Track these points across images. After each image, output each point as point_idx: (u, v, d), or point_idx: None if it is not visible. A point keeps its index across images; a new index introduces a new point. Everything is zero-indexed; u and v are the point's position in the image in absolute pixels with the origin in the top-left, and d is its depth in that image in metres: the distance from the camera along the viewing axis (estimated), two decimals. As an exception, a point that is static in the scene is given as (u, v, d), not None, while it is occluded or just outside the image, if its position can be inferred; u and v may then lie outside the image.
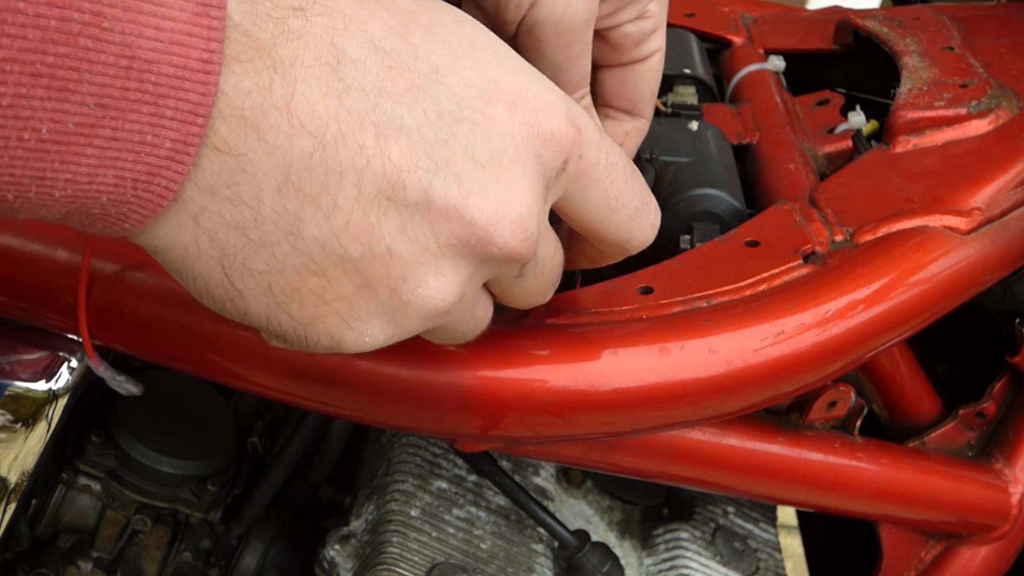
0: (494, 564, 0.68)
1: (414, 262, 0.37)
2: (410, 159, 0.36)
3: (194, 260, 0.36)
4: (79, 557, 0.74)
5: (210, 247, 0.36)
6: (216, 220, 0.35)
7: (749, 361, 0.54)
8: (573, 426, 0.54)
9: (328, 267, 0.36)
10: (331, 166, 0.35)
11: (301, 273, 0.36)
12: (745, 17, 0.92)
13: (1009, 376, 0.78)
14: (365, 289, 0.37)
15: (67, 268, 0.58)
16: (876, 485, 0.69)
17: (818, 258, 0.60)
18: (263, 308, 0.37)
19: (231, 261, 0.36)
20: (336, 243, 0.36)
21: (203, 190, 0.35)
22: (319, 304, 0.37)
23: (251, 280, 0.37)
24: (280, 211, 0.35)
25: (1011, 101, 0.72)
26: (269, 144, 0.34)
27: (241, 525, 0.78)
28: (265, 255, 0.36)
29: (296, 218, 0.35)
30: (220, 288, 0.37)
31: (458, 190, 0.36)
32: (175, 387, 0.77)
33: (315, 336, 0.38)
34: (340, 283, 0.37)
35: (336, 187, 0.35)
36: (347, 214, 0.36)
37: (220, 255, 0.36)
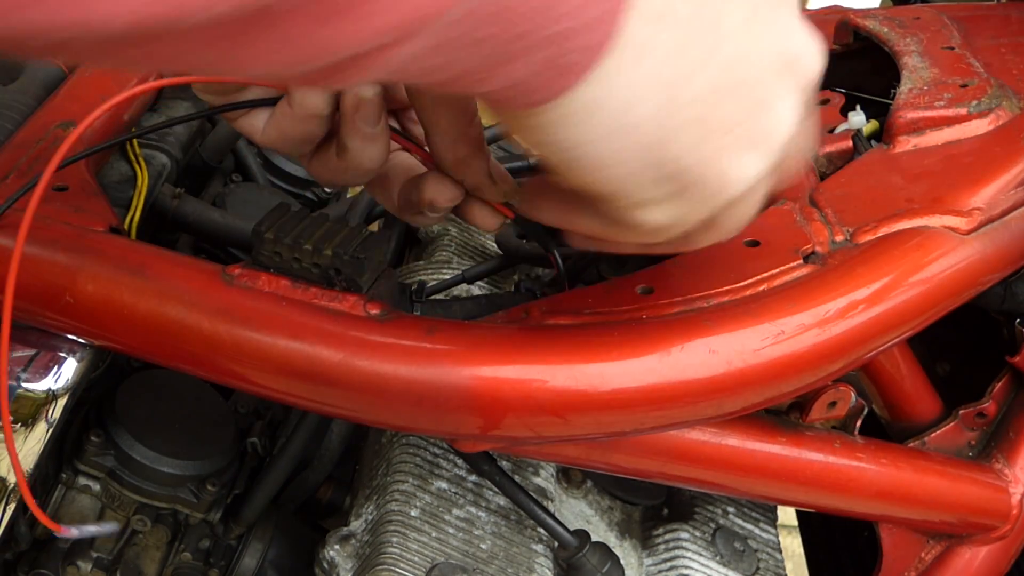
0: (494, 564, 0.68)
1: (777, 80, 0.41)
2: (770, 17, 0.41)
3: (642, 100, 0.38)
4: (79, 557, 0.74)
5: (658, 78, 0.38)
6: (663, 48, 0.38)
7: (749, 361, 0.54)
8: (573, 426, 0.54)
9: (736, 90, 0.40)
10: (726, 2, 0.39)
11: (720, 98, 0.40)
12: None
13: (1009, 376, 0.78)
14: (758, 107, 0.41)
15: (67, 268, 0.58)
16: (876, 485, 0.69)
17: (818, 258, 0.60)
18: (693, 143, 0.40)
19: (674, 92, 0.39)
20: (741, 66, 0.40)
21: (649, 19, 0.37)
22: (731, 129, 0.41)
23: (687, 111, 0.39)
24: (704, 30, 0.38)
25: (1011, 101, 0.72)
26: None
27: (241, 525, 0.78)
28: (698, 80, 0.39)
29: (717, 37, 0.39)
30: (658, 130, 0.39)
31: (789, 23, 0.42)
32: (175, 387, 0.78)
33: (728, 166, 0.41)
34: (737, 109, 0.40)
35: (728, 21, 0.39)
36: (735, 42, 0.39)
37: (666, 86, 0.38)
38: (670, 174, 0.41)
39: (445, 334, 0.53)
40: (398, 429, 0.71)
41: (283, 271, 0.56)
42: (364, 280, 0.55)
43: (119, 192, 0.73)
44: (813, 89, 0.44)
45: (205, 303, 0.55)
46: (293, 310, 0.54)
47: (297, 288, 0.55)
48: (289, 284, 0.55)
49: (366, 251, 0.55)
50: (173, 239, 0.89)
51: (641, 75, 0.38)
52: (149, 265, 0.57)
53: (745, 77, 0.40)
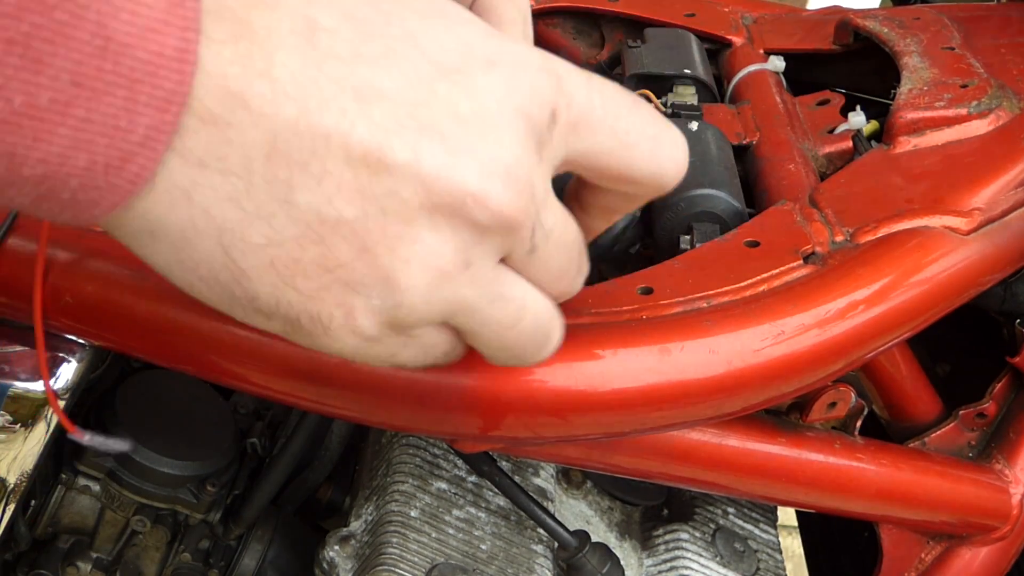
0: (494, 565, 0.68)
1: (409, 220, 0.36)
2: (393, 121, 0.36)
3: (193, 242, 0.36)
4: (78, 558, 0.74)
5: (206, 224, 0.36)
6: (209, 195, 0.35)
7: (749, 361, 0.54)
8: (573, 427, 0.54)
9: (325, 233, 0.36)
10: (317, 131, 0.35)
11: (300, 243, 0.36)
12: (745, 17, 0.92)
13: (1009, 377, 0.78)
14: (365, 252, 0.36)
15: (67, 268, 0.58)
16: (876, 486, 0.69)
17: (818, 258, 0.60)
18: (270, 287, 0.37)
19: (229, 237, 0.36)
20: (330, 208, 0.36)
21: (193, 164, 0.34)
22: (323, 273, 0.37)
23: (253, 257, 0.36)
24: (271, 180, 0.35)
25: (1011, 101, 0.72)
26: (254, 112, 0.34)
27: (240, 526, 0.78)
28: (262, 227, 0.36)
29: (288, 186, 0.35)
30: (224, 271, 0.37)
31: (444, 149, 0.36)
32: (175, 387, 0.77)
33: (328, 315, 0.38)
34: (340, 249, 0.36)
35: (324, 152, 0.35)
36: (337, 178, 0.35)
37: (218, 232, 0.36)
38: (262, 311, 0.38)
39: (445, 334, 0.53)
40: (398, 429, 0.71)
41: (283, 271, 0.56)
42: (364, 280, 0.55)
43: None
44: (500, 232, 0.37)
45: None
46: (293, 310, 0.54)
47: (297, 288, 0.55)
48: (289, 284, 0.55)
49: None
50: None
51: (188, 216, 0.35)
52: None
53: (353, 217, 0.36)
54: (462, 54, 0.37)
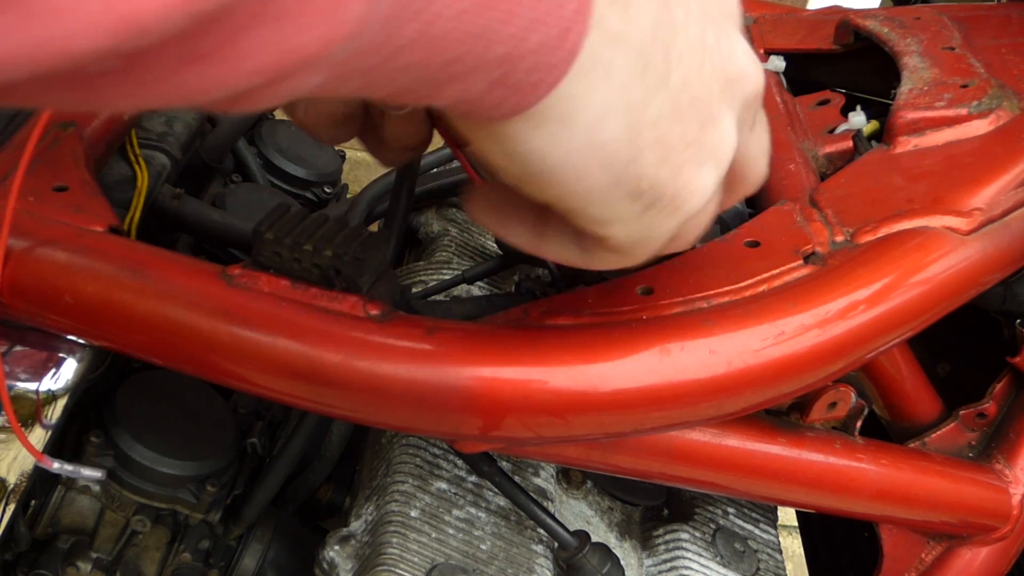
0: (494, 565, 0.68)
1: (720, 99, 0.43)
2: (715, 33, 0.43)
3: (607, 119, 0.39)
4: (78, 558, 0.74)
5: (620, 99, 0.39)
6: (624, 71, 0.39)
7: (749, 362, 0.54)
8: (573, 427, 0.54)
9: (684, 112, 0.42)
10: (678, 30, 0.41)
11: (672, 120, 0.41)
12: (745, 17, 0.92)
13: (1010, 377, 0.78)
14: (708, 124, 0.43)
15: (67, 268, 0.58)
16: (877, 486, 0.69)
17: (818, 258, 0.60)
18: (655, 162, 0.42)
19: (636, 114, 0.40)
20: (688, 89, 0.41)
21: (610, 40, 0.38)
22: (685, 148, 0.42)
23: (648, 132, 0.41)
24: (658, 59, 0.40)
25: (1012, 101, 0.72)
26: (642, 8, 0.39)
27: (240, 526, 0.78)
28: (656, 104, 0.40)
29: (666, 65, 0.40)
30: (625, 148, 0.41)
31: (728, 45, 0.44)
32: (175, 387, 0.77)
33: (685, 181, 0.43)
34: (692, 126, 0.42)
35: (684, 46, 0.41)
36: (688, 62, 0.41)
37: (628, 107, 0.40)
38: (637, 191, 0.42)
39: (445, 335, 0.53)
40: (398, 429, 0.71)
41: (283, 271, 0.56)
42: (364, 281, 0.55)
43: (119, 192, 0.73)
44: (756, 104, 0.47)
45: (205, 303, 0.55)
46: (293, 311, 0.54)
47: (297, 289, 0.55)
48: (289, 284, 0.55)
49: (366, 251, 0.55)
50: (173, 239, 0.89)
51: (605, 95, 0.39)
52: (149, 265, 0.57)
53: (695, 97, 0.42)
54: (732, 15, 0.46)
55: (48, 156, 0.66)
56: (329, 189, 1.13)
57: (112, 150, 0.76)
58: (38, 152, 0.67)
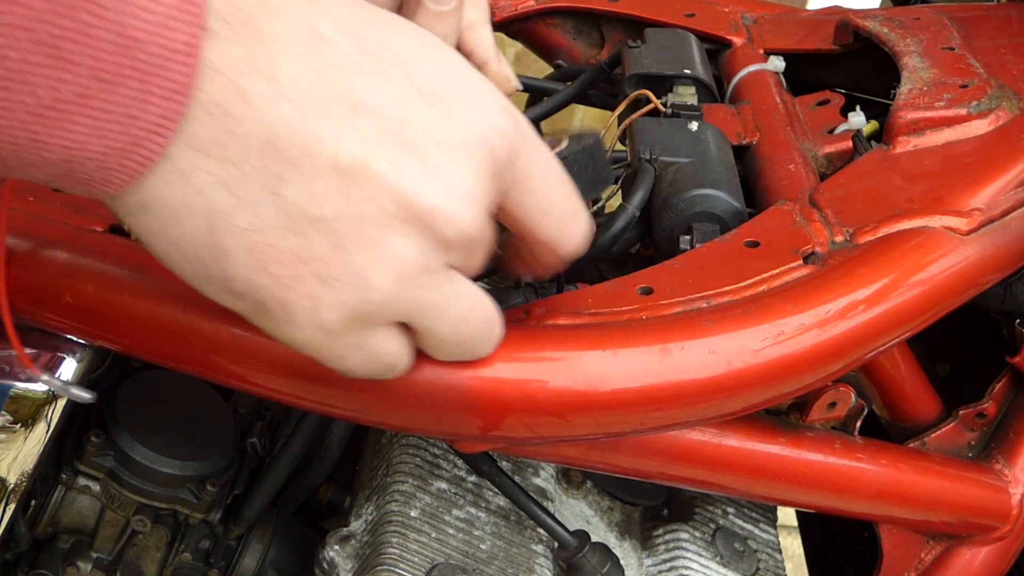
0: (494, 565, 0.68)
1: (384, 226, 0.40)
2: (379, 135, 0.39)
3: (183, 218, 0.39)
4: (78, 558, 0.74)
5: (199, 203, 0.38)
6: (205, 177, 0.38)
7: (749, 361, 0.54)
8: (573, 427, 0.54)
9: (305, 227, 0.39)
10: (311, 134, 0.38)
11: (281, 232, 0.39)
12: (745, 17, 0.92)
13: (1009, 377, 0.78)
14: (340, 249, 0.40)
15: (67, 268, 0.58)
16: (876, 486, 0.69)
17: (818, 258, 0.60)
18: (246, 269, 0.40)
19: (216, 219, 0.39)
20: (314, 205, 0.39)
21: (194, 149, 0.38)
22: (298, 263, 0.40)
23: (235, 239, 0.39)
24: (263, 171, 0.38)
25: (1011, 101, 0.72)
26: (255, 108, 0.37)
27: (241, 526, 0.78)
28: (249, 213, 0.39)
29: (278, 179, 0.38)
30: (205, 248, 0.40)
31: (421, 167, 0.40)
32: (175, 387, 0.77)
33: (294, 304, 0.41)
34: (316, 243, 0.39)
35: (315, 153, 0.38)
36: (324, 179, 0.39)
37: (207, 212, 0.39)
38: (233, 291, 0.41)
39: (445, 334, 0.53)
40: (398, 429, 0.71)
41: (283, 271, 0.56)
42: (364, 280, 0.55)
43: (119, 192, 0.73)
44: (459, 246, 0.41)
45: (205, 303, 0.55)
46: (293, 310, 0.54)
47: (297, 288, 0.55)
48: (289, 284, 0.55)
49: (366, 251, 0.55)
50: (173, 239, 0.89)
51: (181, 196, 0.38)
52: (149, 265, 0.57)
53: (331, 216, 0.39)
54: (443, 84, 0.41)
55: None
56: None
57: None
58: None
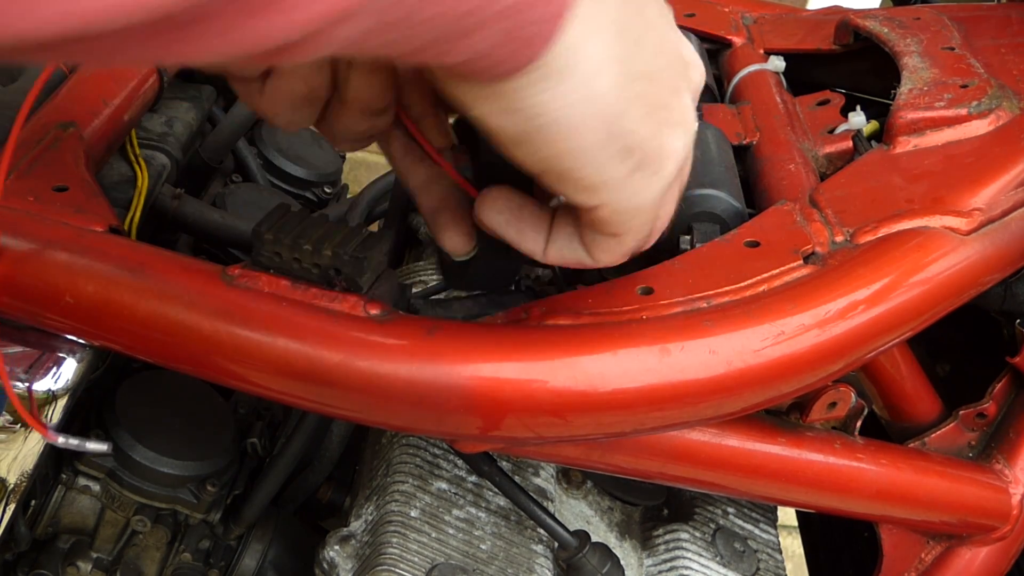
0: (494, 565, 0.68)
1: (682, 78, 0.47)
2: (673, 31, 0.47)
3: (599, 72, 0.42)
4: (78, 558, 0.74)
5: (609, 53, 0.42)
6: (611, 26, 0.41)
7: (749, 362, 0.54)
8: (573, 427, 0.54)
9: (657, 75, 0.45)
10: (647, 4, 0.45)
11: (646, 80, 0.44)
12: (745, 17, 0.92)
13: (1009, 377, 0.78)
14: (672, 94, 0.46)
15: (67, 268, 0.58)
16: (876, 486, 0.69)
17: (818, 258, 0.60)
18: (637, 117, 0.44)
19: (620, 70, 0.42)
20: (658, 55, 0.45)
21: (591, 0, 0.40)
22: (660, 110, 0.45)
23: (632, 88, 0.43)
24: (633, 21, 0.43)
25: (1011, 101, 0.72)
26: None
27: (241, 526, 0.78)
28: (636, 62, 0.43)
29: (639, 29, 0.43)
30: (616, 103, 0.43)
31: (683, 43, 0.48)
32: (175, 387, 0.78)
33: (662, 141, 0.45)
34: (663, 90, 0.45)
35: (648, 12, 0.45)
36: (654, 32, 0.45)
37: (616, 61, 0.42)
38: (626, 148, 0.44)
39: (445, 334, 0.53)
40: (398, 429, 0.71)
41: (283, 271, 0.56)
42: (364, 280, 0.55)
43: (119, 192, 0.73)
44: (696, 99, 0.49)
45: (205, 303, 0.55)
46: (293, 311, 0.54)
47: (297, 288, 0.55)
48: (289, 284, 0.55)
49: (366, 251, 0.55)
50: (173, 239, 0.89)
51: (598, 48, 0.41)
52: (149, 265, 0.57)
53: (664, 64, 0.45)
54: None
55: (48, 156, 0.66)
56: (329, 189, 1.13)
57: (112, 150, 0.76)
58: (39, 151, 0.67)
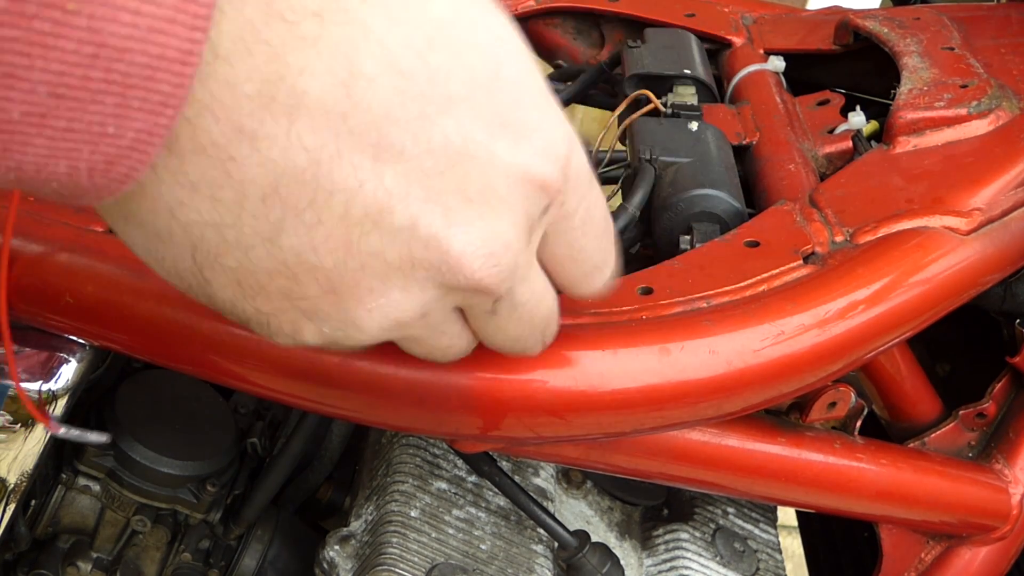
0: (494, 565, 0.68)
1: (384, 278, 0.37)
2: (404, 187, 0.35)
3: (165, 244, 0.36)
4: (78, 558, 0.74)
5: (183, 237, 0.35)
6: (194, 216, 0.34)
7: (749, 361, 0.54)
8: (573, 427, 0.54)
9: (299, 273, 0.36)
10: (322, 184, 0.34)
11: (271, 275, 0.36)
12: (745, 17, 0.92)
13: (1009, 377, 0.78)
14: (332, 294, 0.37)
15: (67, 268, 0.58)
16: (876, 486, 0.69)
17: (818, 258, 0.60)
18: (229, 297, 0.37)
19: (203, 255, 0.36)
20: (312, 254, 0.36)
21: (184, 186, 0.33)
22: (284, 301, 0.37)
23: (221, 274, 0.36)
24: (261, 218, 0.34)
25: (1011, 101, 0.72)
26: (262, 154, 0.33)
27: (241, 526, 0.78)
28: (239, 255, 0.36)
29: (276, 227, 0.35)
30: (188, 273, 0.37)
31: (443, 221, 0.36)
32: (175, 387, 0.77)
33: (277, 326, 0.39)
34: (308, 287, 0.37)
35: (324, 204, 0.35)
36: (328, 229, 0.35)
37: (193, 247, 0.36)
38: (216, 307, 0.39)
39: (445, 334, 0.53)
40: (398, 429, 0.71)
41: (283, 271, 0.56)
42: (364, 280, 0.55)
43: (119, 192, 0.73)
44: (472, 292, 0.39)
45: (205, 303, 0.55)
46: (293, 310, 0.54)
47: (297, 288, 0.55)
48: (289, 284, 0.55)
49: (366, 251, 0.55)
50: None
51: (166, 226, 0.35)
52: (149, 265, 0.57)
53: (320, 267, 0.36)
54: (495, 128, 0.36)
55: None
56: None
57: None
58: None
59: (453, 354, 0.45)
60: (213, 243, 0.35)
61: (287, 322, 0.38)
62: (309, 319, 0.38)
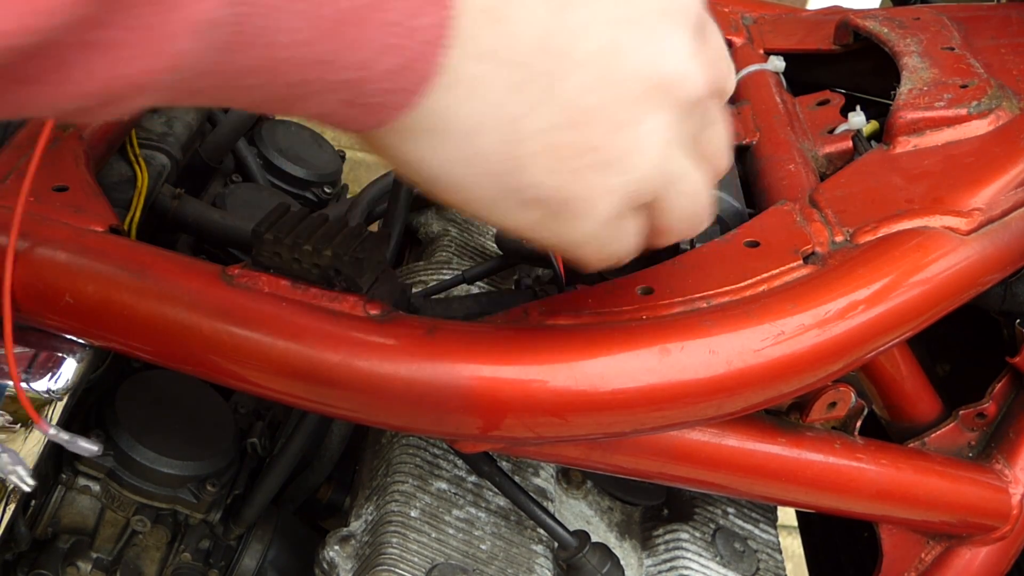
0: (494, 565, 0.68)
1: (638, 103, 0.41)
2: (609, 20, 0.40)
3: (478, 133, 0.39)
4: (78, 558, 0.74)
5: (491, 113, 0.39)
6: (494, 85, 0.38)
7: (749, 361, 0.54)
8: (573, 427, 0.54)
9: (579, 119, 0.40)
10: (566, 28, 0.39)
11: (563, 129, 0.40)
12: (745, 17, 0.92)
13: (1009, 377, 0.78)
14: (608, 134, 0.41)
15: (67, 268, 0.58)
16: (876, 486, 0.69)
17: (818, 258, 0.60)
18: (541, 173, 0.41)
19: (511, 127, 0.39)
20: (581, 96, 0.40)
21: (477, 58, 0.38)
22: (580, 156, 0.41)
23: (530, 143, 0.40)
24: (540, 71, 0.39)
25: (1011, 101, 0.72)
26: (521, 7, 0.38)
27: (241, 526, 0.78)
28: (536, 116, 0.39)
29: (550, 76, 0.39)
30: (505, 160, 0.40)
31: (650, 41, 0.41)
32: (175, 387, 0.78)
33: (579, 191, 0.41)
34: (593, 132, 0.41)
35: (572, 47, 0.39)
36: (584, 69, 0.40)
37: (500, 121, 0.39)
38: (532, 200, 0.42)
39: (445, 334, 0.53)
40: (398, 429, 0.71)
41: (283, 272, 0.56)
42: (364, 280, 0.55)
43: (119, 192, 0.73)
44: (700, 106, 0.44)
45: (205, 304, 0.55)
46: (293, 311, 0.54)
47: (297, 289, 0.55)
48: (289, 285, 0.55)
49: (366, 251, 0.55)
50: (173, 239, 0.89)
51: (475, 109, 0.39)
52: (149, 266, 0.57)
53: (598, 103, 0.40)
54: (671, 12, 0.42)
55: (48, 156, 0.66)
56: (329, 189, 1.13)
57: (112, 150, 0.76)
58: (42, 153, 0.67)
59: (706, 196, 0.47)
60: (517, 110, 0.39)
61: (586, 187, 0.41)
62: (600, 172, 0.41)
